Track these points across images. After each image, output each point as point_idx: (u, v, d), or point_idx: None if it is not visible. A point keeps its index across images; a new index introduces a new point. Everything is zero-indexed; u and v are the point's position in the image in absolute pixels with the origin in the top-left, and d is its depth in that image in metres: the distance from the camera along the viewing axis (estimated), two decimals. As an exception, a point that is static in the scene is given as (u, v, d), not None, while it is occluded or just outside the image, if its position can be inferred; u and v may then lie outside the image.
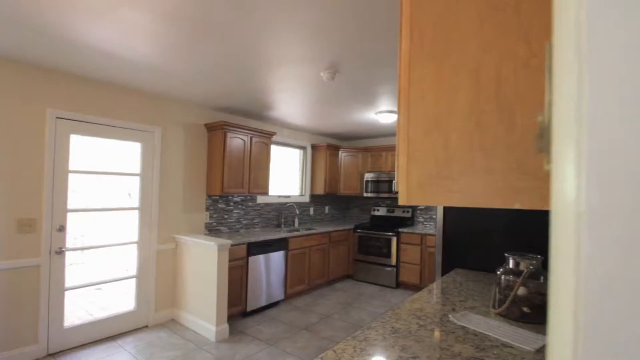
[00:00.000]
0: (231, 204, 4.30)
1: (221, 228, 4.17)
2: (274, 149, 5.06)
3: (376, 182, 5.41)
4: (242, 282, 3.65)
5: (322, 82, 2.96)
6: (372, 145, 5.61)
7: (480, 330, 1.32)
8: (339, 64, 2.58)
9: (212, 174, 3.90)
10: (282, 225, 4.90)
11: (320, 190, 5.44)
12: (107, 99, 3.18)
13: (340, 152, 5.70)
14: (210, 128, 3.94)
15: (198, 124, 3.94)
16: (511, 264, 1.54)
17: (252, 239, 3.75)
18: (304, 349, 3.00)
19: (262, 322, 3.59)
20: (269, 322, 3.58)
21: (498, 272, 1.56)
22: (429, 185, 0.82)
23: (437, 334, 1.28)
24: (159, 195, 3.54)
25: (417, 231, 4.71)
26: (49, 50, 2.43)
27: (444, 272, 2.56)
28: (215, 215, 4.10)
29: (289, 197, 5.18)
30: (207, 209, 4.01)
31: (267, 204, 4.79)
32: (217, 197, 4.14)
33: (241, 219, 4.42)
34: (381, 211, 5.68)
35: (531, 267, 1.45)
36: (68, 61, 2.63)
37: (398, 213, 5.47)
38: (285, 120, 4.63)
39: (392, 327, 1.33)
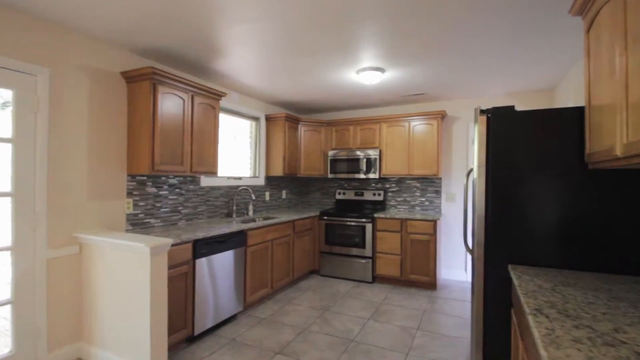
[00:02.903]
0: (165, 187, 3.15)
1: (151, 221, 3.01)
2: (221, 118, 3.96)
3: (342, 162, 4.66)
4: (186, 295, 2.61)
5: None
6: (337, 119, 4.81)
7: None
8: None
9: (137, 144, 2.73)
10: (234, 214, 3.88)
11: (278, 171, 4.50)
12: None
13: (300, 125, 4.79)
14: (132, 78, 2.73)
15: (112, 71, 2.70)
16: None
17: (200, 234, 2.71)
18: (287, 386, 2.14)
19: (218, 349, 2.61)
20: (229, 348, 2.62)
21: None
22: None
23: None
24: (48, 174, 2.29)
25: (397, 216, 4.09)
26: None
27: (488, 267, 1.89)
28: (142, 204, 2.93)
29: (240, 178, 4.15)
30: (130, 194, 2.83)
31: (214, 188, 3.72)
32: (145, 178, 2.96)
33: (180, 207, 3.30)
34: (347, 194, 4.96)
35: None
36: None
37: (368, 196, 4.81)
38: (234, 79, 3.56)
39: None
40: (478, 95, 4.16)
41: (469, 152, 4.34)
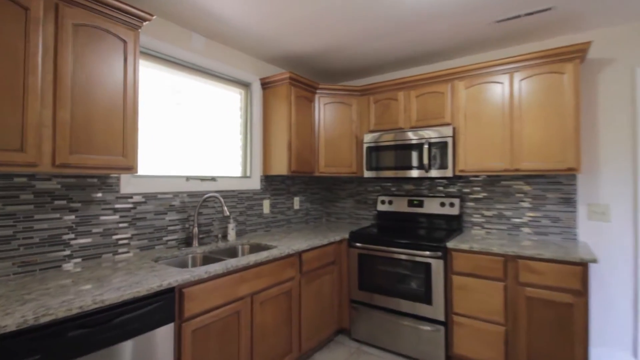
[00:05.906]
0: (26, 196, 1.57)
1: (-19, 269, 1.45)
2: (171, 81, 2.34)
3: (388, 151, 2.80)
4: None
5: None
6: (376, 83, 2.97)
7: None
8: None
9: None
10: (195, 241, 2.22)
11: (281, 168, 2.78)
12: None
13: (317, 96, 3.04)
14: None
15: None
16: None
17: (17, 318, 1.06)
18: None
19: None
20: None
21: None
22: None
23: None
24: None
25: (495, 248, 2.14)
26: None
27: None
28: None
29: (214, 179, 2.50)
30: None
31: (152, 197, 2.10)
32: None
33: (68, 236, 1.72)
34: (396, 204, 3.08)
35: None
36: None
37: (432, 207, 2.89)
38: (193, 4, 1.92)
39: None
40: (660, 8, 2.08)
41: (637, 123, 2.24)
